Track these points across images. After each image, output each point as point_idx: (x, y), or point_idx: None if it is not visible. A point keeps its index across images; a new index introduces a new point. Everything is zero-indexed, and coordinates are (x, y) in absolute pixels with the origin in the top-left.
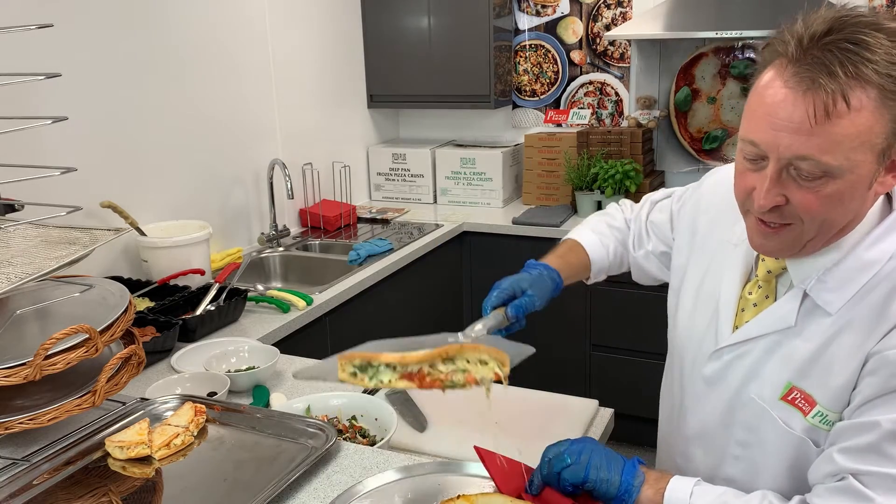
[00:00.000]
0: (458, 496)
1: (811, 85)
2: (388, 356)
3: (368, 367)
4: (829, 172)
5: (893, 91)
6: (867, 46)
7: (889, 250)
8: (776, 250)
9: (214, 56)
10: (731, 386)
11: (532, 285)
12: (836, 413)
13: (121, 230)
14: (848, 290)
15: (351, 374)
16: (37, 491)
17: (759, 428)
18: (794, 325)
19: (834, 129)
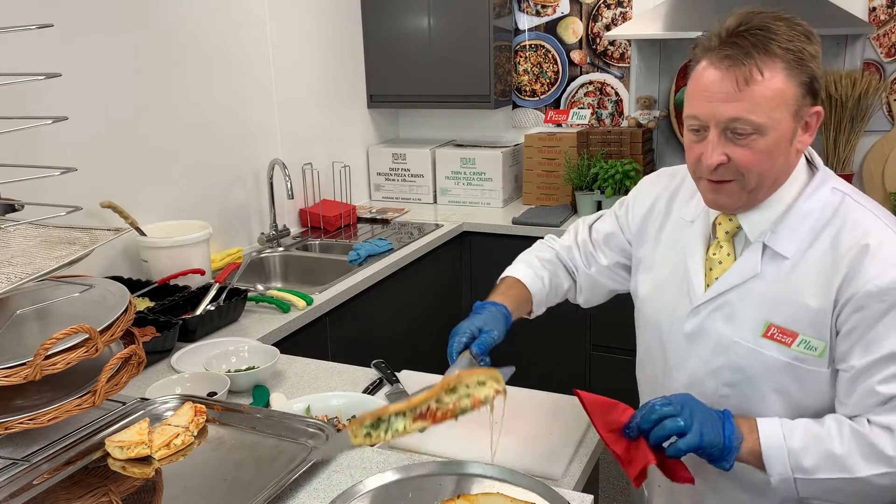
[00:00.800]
0: (459, 496)
1: (733, 63)
2: (395, 406)
3: (380, 422)
4: (758, 129)
5: (796, 63)
6: (771, 31)
7: (822, 201)
8: (726, 203)
9: (215, 56)
10: (713, 336)
11: (486, 322)
12: (817, 339)
13: (121, 230)
14: (797, 236)
15: (365, 436)
16: (37, 491)
17: (746, 366)
18: (759, 272)
19: (755, 94)
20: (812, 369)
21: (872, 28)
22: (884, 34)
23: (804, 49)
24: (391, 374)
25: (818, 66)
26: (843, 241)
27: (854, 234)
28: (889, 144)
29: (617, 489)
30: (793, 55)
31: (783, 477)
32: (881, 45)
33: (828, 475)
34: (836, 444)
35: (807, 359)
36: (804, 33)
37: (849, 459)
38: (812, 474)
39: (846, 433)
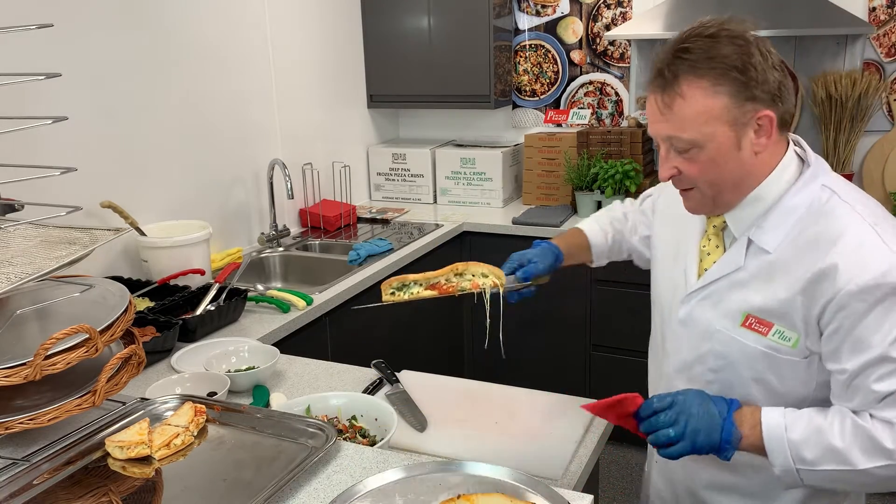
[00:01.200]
0: (459, 496)
1: (657, 88)
2: (415, 276)
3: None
4: (694, 143)
5: (721, 76)
6: (692, 52)
7: (809, 198)
8: (696, 208)
9: (215, 56)
10: (701, 323)
11: (535, 255)
12: (791, 331)
13: (121, 230)
14: (780, 232)
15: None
16: (37, 491)
17: (728, 353)
18: (743, 265)
19: (679, 114)
20: (787, 358)
21: (872, 28)
22: (884, 34)
23: (731, 62)
24: (391, 374)
25: (759, 73)
26: (823, 239)
27: (834, 232)
28: (889, 144)
29: (617, 489)
30: (717, 71)
31: (785, 468)
32: (881, 45)
33: (829, 467)
34: (836, 438)
35: (781, 348)
36: (738, 44)
37: (849, 453)
38: (814, 466)
39: (848, 427)
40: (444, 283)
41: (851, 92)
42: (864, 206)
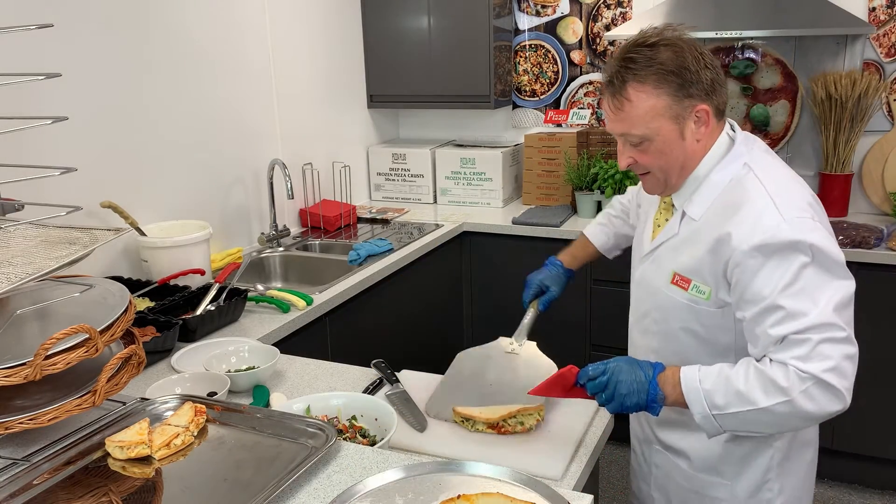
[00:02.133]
0: (459, 496)
1: (609, 93)
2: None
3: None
4: (644, 138)
5: (661, 80)
6: (633, 60)
7: (730, 174)
8: (651, 189)
9: (214, 56)
10: (647, 282)
11: (553, 282)
12: (704, 285)
13: (121, 230)
14: (705, 203)
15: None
16: (37, 491)
17: (665, 307)
18: (677, 232)
19: (628, 115)
20: (704, 309)
21: (872, 28)
22: (884, 34)
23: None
24: (391, 374)
25: (692, 73)
26: (729, 207)
27: (738, 202)
28: (889, 144)
29: (617, 489)
30: (658, 75)
31: (703, 414)
32: (881, 45)
33: (737, 409)
34: (741, 383)
35: (698, 300)
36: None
37: (751, 393)
38: (725, 409)
39: (751, 372)
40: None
41: (851, 92)
42: (773, 182)
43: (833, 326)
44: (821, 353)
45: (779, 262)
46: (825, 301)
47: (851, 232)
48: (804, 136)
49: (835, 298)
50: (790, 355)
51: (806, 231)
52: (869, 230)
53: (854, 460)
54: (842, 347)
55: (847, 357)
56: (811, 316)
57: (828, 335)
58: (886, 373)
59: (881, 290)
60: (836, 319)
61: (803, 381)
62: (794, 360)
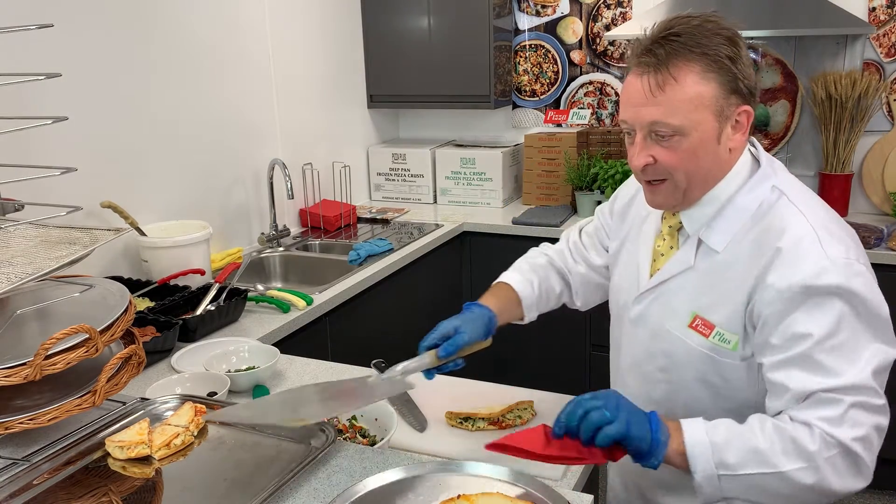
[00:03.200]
0: (459, 496)
1: (648, 69)
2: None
3: (469, 418)
4: (679, 131)
5: (713, 65)
6: (685, 35)
7: (759, 198)
8: (662, 202)
9: (215, 56)
10: (651, 322)
11: (464, 323)
12: (731, 333)
13: (121, 230)
14: (729, 232)
15: (458, 423)
16: (37, 491)
17: (674, 353)
18: (692, 265)
19: (670, 98)
20: (727, 361)
21: (872, 28)
22: (884, 34)
23: (721, 51)
24: None
25: (743, 67)
26: (764, 240)
27: (775, 234)
28: (889, 144)
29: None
30: (709, 58)
31: (707, 474)
32: (881, 45)
33: (752, 470)
34: (759, 439)
35: (722, 350)
36: (725, 36)
37: (771, 453)
38: (736, 470)
39: (768, 429)
40: (501, 419)
41: (851, 92)
42: (811, 209)
43: (870, 391)
44: (852, 419)
45: (818, 307)
46: (864, 361)
47: None
48: (804, 136)
49: (874, 360)
50: (817, 415)
51: (852, 276)
52: (869, 230)
53: None
54: (875, 417)
55: (878, 428)
56: (847, 376)
57: (862, 399)
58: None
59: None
60: (874, 384)
61: (829, 447)
62: (820, 421)
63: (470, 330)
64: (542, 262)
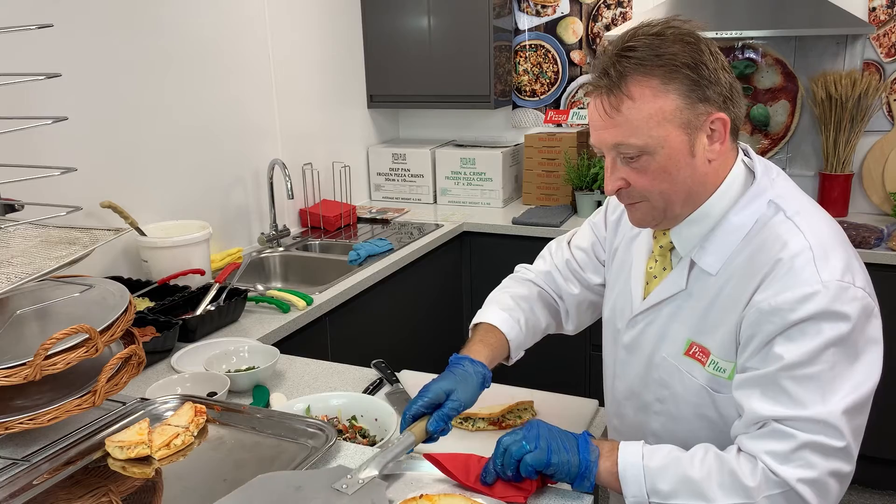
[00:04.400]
0: (421, 496)
1: (603, 91)
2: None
3: (468, 418)
4: (644, 150)
5: (672, 74)
6: (638, 49)
7: (755, 215)
8: (644, 222)
9: (214, 56)
10: (646, 350)
11: (457, 386)
12: (725, 361)
13: (121, 230)
14: (723, 252)
15: (458, 423)
16: (37, 491)
17: (671, 383)
18: (685, 287)
19: (627, 117)
20: (724, 395)
21: (872, 28)
22: (884, 34)
23: (680, 59)
24: (391, 374)
25: (710, 72)
26: (757, 259)
27: (771, 251)
28: (889, 144)
29: None
30: (667, 68)
31: (638, 500)
32: (881, 45)
33: (684, 500)
34: (695, 469)
35: (718, 380)
36: (686, 41)
37: (706, 486)
38: (668, 499)
39: (709, 459)
40: (501, 419)
41: (851, 92)
42: (809, 225)
43: (832, 430)
44: (803, 458)
45: (801, 332)
46: (837, 399)
47: (851, 232)
48: (804, 136)
49: (848, 399)
50: (764, 448)
51: (847, 301)
52: (869, 230)
53: None
54: (831, 462)
55: (835, 474)
56: (812, 409)
57: (819, 439)
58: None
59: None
60: (840, 424)
61: (771, 485)
62: (767, 455)
63: (463, 395)
64: (525, 294)
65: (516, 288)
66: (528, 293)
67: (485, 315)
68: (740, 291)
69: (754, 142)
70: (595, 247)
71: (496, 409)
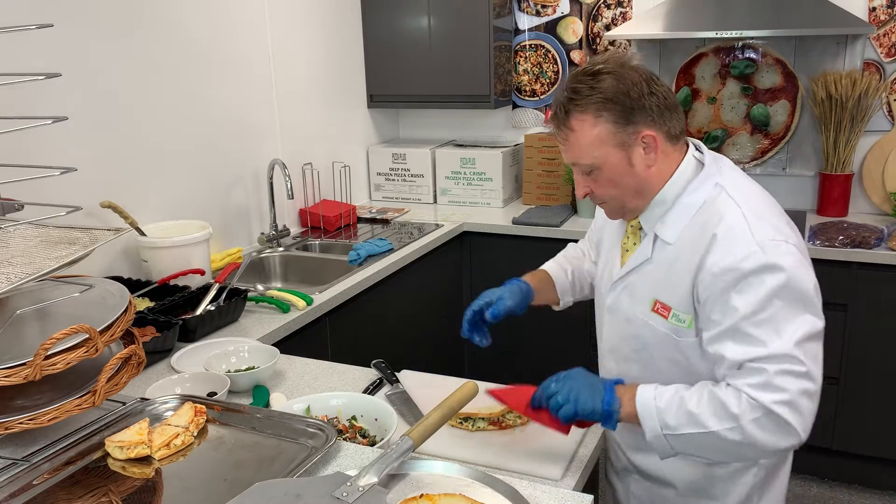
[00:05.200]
0: (421, 496)
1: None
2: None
3: (469, 418)
4: (592, 167)
5: (601, 107)
6: (576, 91)
7: (703, 195)
8: (612, 215)
9: (214, 56)
10: (622, 309)
11: (504, 293)
12: (684, 314)
13: (121, 230)
14: (678, 226)
15: (458, 423)
16: (37, 491)
17: (643, 335)
18: (650, 256)
19: (574, 145)
20: (685, 340)
21: (872, 28)
22: (884, 34)
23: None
24: (391, 374)
25: (639, 95)
26: (703, 230)
27: (711, 224)
28: (889, 144)
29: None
30: (599, 103)
31: (655, 433)
32: (881, 45)
33: (688, 430)
34: (693, 404)
35: (679, 329)
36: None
37: (703, 416)
38: (676, 430)
39: (704, 395)
40: (501, 419)
41: (851, 92)
42: (746, 200)
43: (793, 359)
44: (776, 385)
45: (749, 286)
46: (789, 334)
47: (851, 232)
48: (804, 136)
49: (799, 332)
50: (745, 382)
51: (780, 255)
52: (869, 230)
53: (854, 460)
54: (800, 382)
55: (804, 393)
56: (772, 346)
57: (786, 367)
58: (886, 373)
59: (881, 289)
60: (797, 353)
61: (753, 409)
62: (748, 387)
63: (511, 298)
64: (576, 254)
65: (570, 250)
66: (579, 255)
67: (546, 265)
68: (692, 257)
69: (754, 142)
70: (591, 233)
71: (496, 410)
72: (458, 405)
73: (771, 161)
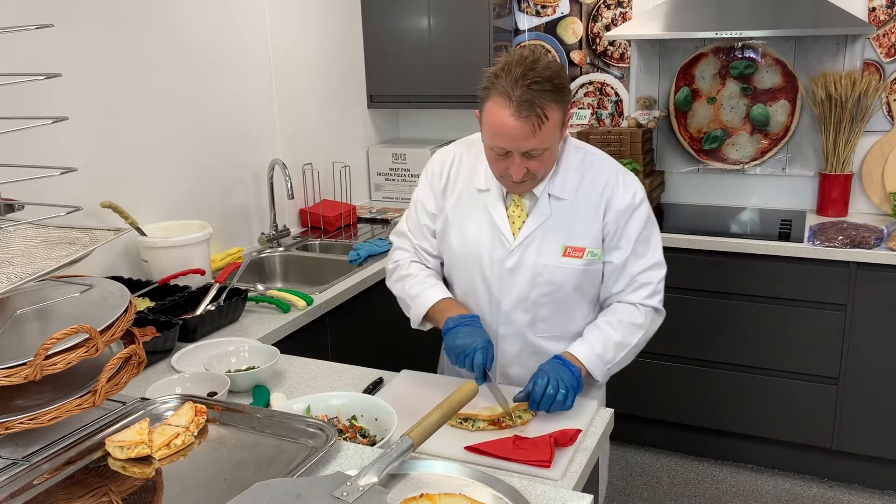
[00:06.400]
0: (421, 495)
1: (528, 113)
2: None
3: (469, 418)
4: (546, 149)
5: (560, 95)
6: (538, 83)
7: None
8: (525, 191)
9: (215, 56)
10: (529, 264)
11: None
12: (597, 248)
13: (121, 230)
14: (568, 182)
15: (459, 423)
16: (37, 491)
17: (555, 279)
18: (551, 214)
19: (544, 132)
20: (596, 269)
21: (872, 28)
22: (884, 34)
23: (562, 82)
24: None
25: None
26: (597, 180)
27: (602, 174)
28: (889, 144)
29: (617, 489)
30: (558, 91)
31: (602, 373)
32: (881, 45)
33: (621, 354)
34: (615, 335)
35: (594, 262)
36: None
37: (624, 340)
38: (614, 360)
39: (615, 323)
40: (501, 419)
41: (851, 92)
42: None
43: (662, 265)
44: (656, 289)
45: (639, 212)
46: (656, 246)
47: (851, 232)
48: (804, 136)
49: (660, 245)
50: (638, 298)
51: (640, 188)
52: (869, 230)
53: (854, 460)
54: (662, 282)
55: (663, 279)
56: (650, 258)
57: (659, 274)
58: (886, 373)
59: (881, 289)
60: (662, 259)
61: (648, 314)
62: (641, 299)
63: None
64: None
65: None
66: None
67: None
68: (596, 202)
69: (754, 142)
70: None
71: (497, 410)
72: (458, 405)
73: (770, 161)
